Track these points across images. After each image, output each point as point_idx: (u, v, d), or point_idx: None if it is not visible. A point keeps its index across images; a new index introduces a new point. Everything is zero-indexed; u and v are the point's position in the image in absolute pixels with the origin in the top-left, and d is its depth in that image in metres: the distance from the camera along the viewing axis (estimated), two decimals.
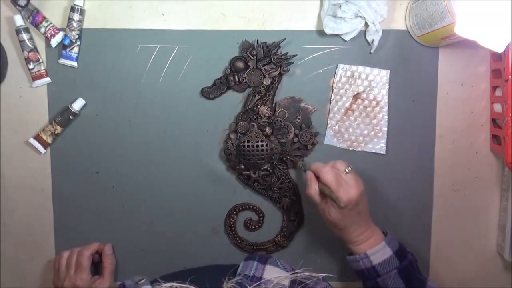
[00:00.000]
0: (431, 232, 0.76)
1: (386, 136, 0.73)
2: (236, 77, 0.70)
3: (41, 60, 0.71)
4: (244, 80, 0.70)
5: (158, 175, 0.74)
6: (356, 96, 0.73)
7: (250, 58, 0.70)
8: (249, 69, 0.70)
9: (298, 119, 0.72)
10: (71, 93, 0.72)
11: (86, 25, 0.71)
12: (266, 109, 0.71)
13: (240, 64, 0.70)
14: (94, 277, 0.70)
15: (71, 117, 0.72)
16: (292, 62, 0.71)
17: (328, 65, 0.72)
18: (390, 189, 0.74)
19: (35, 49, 0.71)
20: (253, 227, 0.75)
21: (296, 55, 0.71)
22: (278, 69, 0.71)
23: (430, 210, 0.75)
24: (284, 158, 0.72)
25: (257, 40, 0.70)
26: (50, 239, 0.75)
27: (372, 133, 0.73)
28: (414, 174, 0.74)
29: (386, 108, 0.73)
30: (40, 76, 0.71)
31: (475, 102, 0.74)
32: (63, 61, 0.71)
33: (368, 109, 0.73)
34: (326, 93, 0.73)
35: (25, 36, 0.70)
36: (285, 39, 0.70)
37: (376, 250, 0.61)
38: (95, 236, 0.74)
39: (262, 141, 0.70)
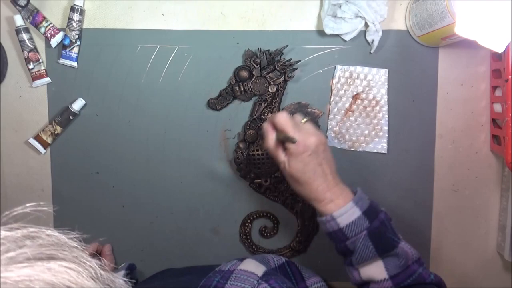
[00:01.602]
0: (431, 232, 0.76)
1: (387, 135, 0.73)
2: (242, 87, 0.70)
3: (41, 60, 0.71)
4: (250, 89, 0.70)
5: (158, 175, 0.74)
6: (355, 97, 0.73)
7: (254, 66, 0.70)
8: (254, 77, 0.70)
9: None
10: (71, 93, 0.72)
11: (86, 25, 0.71)
12: None
13: (245, 74, 0.70)
14: None
15: (71, 117, 0.72)
16: (296, 68, 0.71)
17: (328, 65, 0.72)
18: (390, 189, 0.74)
19: (35, 49, 0.71)
20: (268, 234, 0.75)
21: (299, 61, 0.71)
22: (283, 76, 0.71)
23: (430, 210, 0.75)
24: None
25: (260, 48, 0.70)
26: None
27: (373, 132, 0.73)
28: (414, 174, 0.74)
29: (386, 107, 0.73)
30: (40, 76, 0.71)
31: (475, 102, 0.74)
32: (63, 61, 0.71)
33: (368, 109, 0.73)
34: (327, 94, 0.73)
35: (25, 36, 0.70)
36: (287, 45, 0.70)
37: (342, 212, 0.55)
38: (95, 236, 0.74)
39: None
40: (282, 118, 0.57)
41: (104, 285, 0.31)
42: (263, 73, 0.70)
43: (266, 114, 0.71)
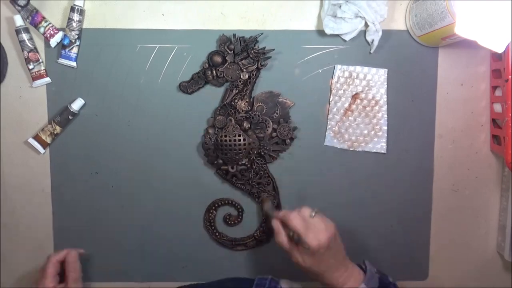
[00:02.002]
0: (431, 232, 0.76)
1: (386, 135, 0.73)
2: (214, 72, 0.70)
3: (41, 60, 0.71)
4: (222, 75, 0.70)
5: (157, 175, 0.74)
6: (355, 96, 0.73)
7: (228, 52, 0.70)
8: (227, 63, 0.70)
9: (276, 113, 0.72)
10: (71, 93, 0.72)
11: (86, 25, 0.71)
12: (244, 104, 0.71)
13: (218, 59, 0.70)
14: (60, 285, 0.67)
15: (70, 117, 0.71)
16: (270, 57, 0.71)
17: (328, 65, 0.72)
18: (390, 189, 0.74)
19: (35, 49, 0.70)
20: (232, 222, 0.75)
21: (273, 49, 0.70)
22: (256, 64, 0.70)
23: (430, 210, 0.75)
24: (262, 153, 0.72)
25: (235, 34, 0.70)
26: (50, 239, 0.75)
27: (372, 132, 0.73)
28: (414, 174, 0.74)
29: (385, 107, 0.73)
30: (40, 76, 0.71)
31: (475, 102, 0.74)
32: (62, 61, 0.71)
33: (367, 108, 0.73)
34: (326, 93, 0.73)
35: (25, 36, 0.70)
36: (262, 33, 0.70)
37: None
38: (94, 236, 0.74)
39: (239, 135, 0.70)
40: (295, 220, 0.59)
41: None
42: (236, 60, 0.70)
43: (237, 100, 0.71)
